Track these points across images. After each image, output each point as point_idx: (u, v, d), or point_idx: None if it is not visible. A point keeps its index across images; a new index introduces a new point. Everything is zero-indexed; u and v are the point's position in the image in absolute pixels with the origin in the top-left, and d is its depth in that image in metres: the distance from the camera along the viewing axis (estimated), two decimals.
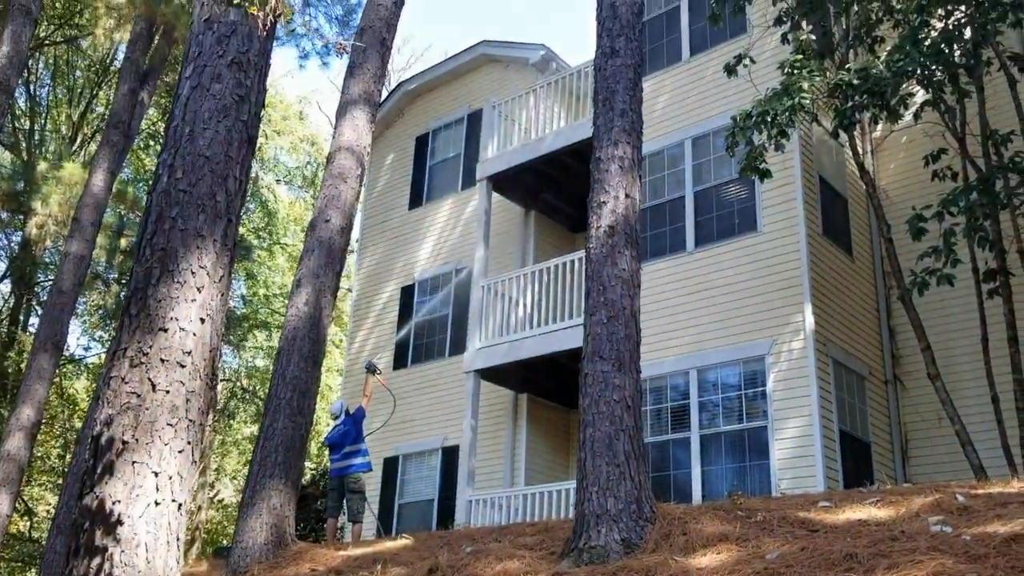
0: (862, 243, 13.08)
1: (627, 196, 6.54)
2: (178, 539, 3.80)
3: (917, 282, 9.37)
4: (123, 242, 18.03)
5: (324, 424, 25.40)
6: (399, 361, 16.49)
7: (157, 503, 3.71)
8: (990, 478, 9.49)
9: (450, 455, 15.15)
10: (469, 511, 13.30)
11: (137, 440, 3.73)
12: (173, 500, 3.77)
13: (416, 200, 17.90)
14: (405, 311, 16.96)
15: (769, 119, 9.67)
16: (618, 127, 6.74)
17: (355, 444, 10.93)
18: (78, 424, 25.66)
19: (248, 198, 24.38)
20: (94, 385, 27.27)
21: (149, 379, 3.84)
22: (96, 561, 3.57)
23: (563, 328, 13.41)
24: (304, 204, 25.94)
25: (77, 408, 27.03)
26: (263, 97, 4.63)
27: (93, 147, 24.11)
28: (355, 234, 18.95)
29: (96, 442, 3.78)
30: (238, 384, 24.22)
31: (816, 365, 10.97)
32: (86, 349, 29.03)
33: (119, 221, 18.93)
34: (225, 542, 28.39)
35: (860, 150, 12.10)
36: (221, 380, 24.70)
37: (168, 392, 3.85)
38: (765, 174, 10.22)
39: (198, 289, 4.06)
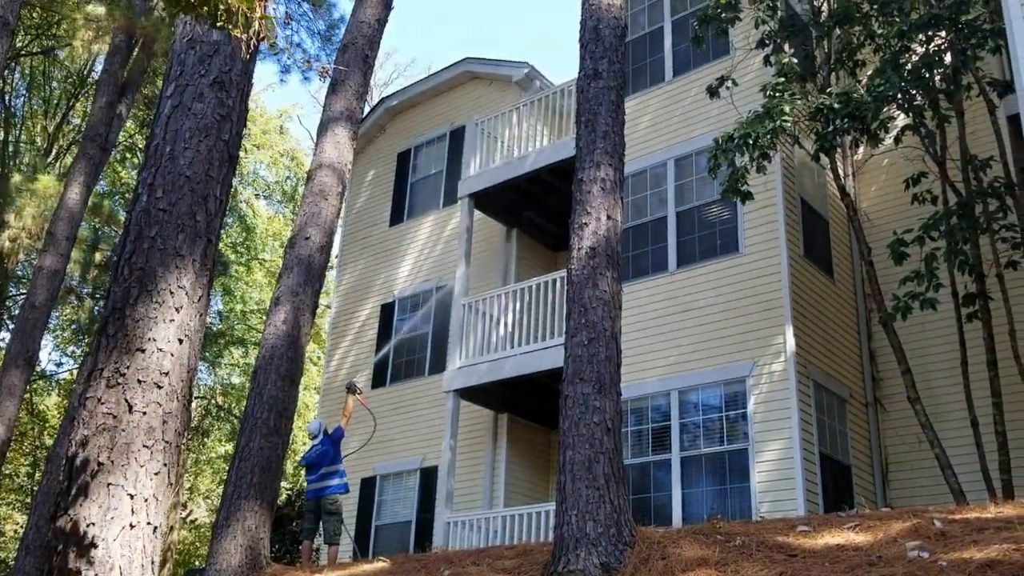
0: (843, 265, 13.24)
1: (609, 218, 6.62)
2: (153, 562, 3.80)
3: (900, 306, 9.51)
4: (98, 256, 17.95)
5: (301, 443, 25.28)
6: (378, 379, 16.47)
7: (132, 526, 3.71)
8: (969, 502, 9.61)
9: (429, 476, 15.13)
10: (447, 533, 13.27)
11: (113, 462, 3.74)
12: (148, 523, 3.78)
13: (397, 216, 17.95)
14: (385, 329, 16.96)
15: (751, 141, 9.80)
16: (600, 149, 6.83)
17: (333, 465, 10.89)
18: (48, 441, 25.41)
19: (226, 212, 24.39)
20: (65, 402, 27.03)
21: (126, 400, 3.85)
22: None
23: (544, 347, 13.45)
24: (283, 219, 25.91)
25: (48, 425, 26.76)
26: (245, 116, 4.67)
27: (69, 159, 24.01)
28: (335, 250, 18.97)
29: (71, 463, 3.78)
30: (213, 402, 24.07)
31: (797, 387, 11.07)
32: (58, 365, 28.79)
33: (94, 235, 18.86)
34: (198, 563, 28.10)
35: (841, 173, 12.28)
36: (196, 397, 24.56)
37: (145, 413, 3.86)
38: (747, 196, 10.35)
39: (176, 309, 4.08)
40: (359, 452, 13.65)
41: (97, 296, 18.86)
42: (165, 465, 3.90)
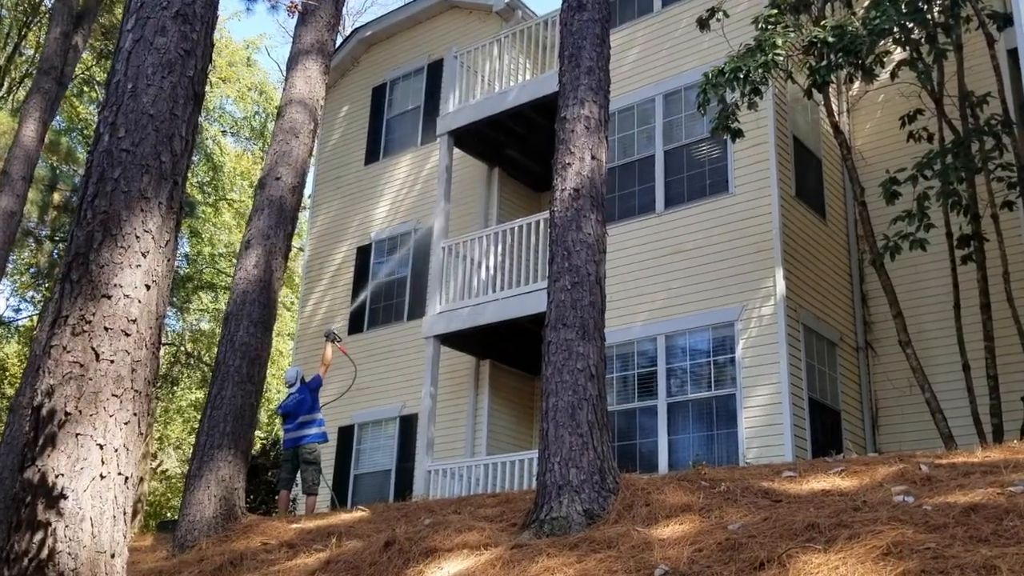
0: (835, 206, 13.33)
1: (593, 158, 6.64)
2: (125, 513, 3.87)
3: (889, 246, 9.61)
4: (56, 197, 17.77)
5: (276, 392, 25.41)
6: (355, 325, 16.53)
7: (102, 476, 3.77)
8: (959, 447, 9.85)
9: (408, 424, 15.29)
10: (428, 481, 13.47)
11: (81, 411, 3.79)
12: (119, 473, 3.84)
13: (373, 155, 17.83)
14: (361, 273, 16.97)
15: (742, 76, 9.78)
16: (584, 85, 6.81)
17: (310, 414, 11.01)
18: (8, 391, 25.42)
19: (192, 152, 24.11)
20: (25, 349, 26.98)
21: (92, 348, 3.88)
22: (39, 536, 3.63)
23: (528, 292, 13.53)
24: (252, 157, 25.64)
25: (7, 374, 26.74)
26: (210, 51, 4.63)
27: (22, 93, 23.58)
28: (307, 190, 18.84)
29: (37, 413, 3.82)
30: (182, 349, 24.09)
31: (786, 331, 11.22)
32: (16, 311, 28.65)
33: (52, 174, 18.66)
34: (170, 515, 28.41)
35: (835, 110, 12.27)
36: (164, 344, 24.56)
37: (113, 362, 3.90)
38: (737, 133, 10.36)
39: (143, 254, 4.09)
40: (338, 400, 13.75)
41: (56, 239, 18.72)
42: (135, 414, 3.95)
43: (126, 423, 3.90)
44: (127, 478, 3.88)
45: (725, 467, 7.38)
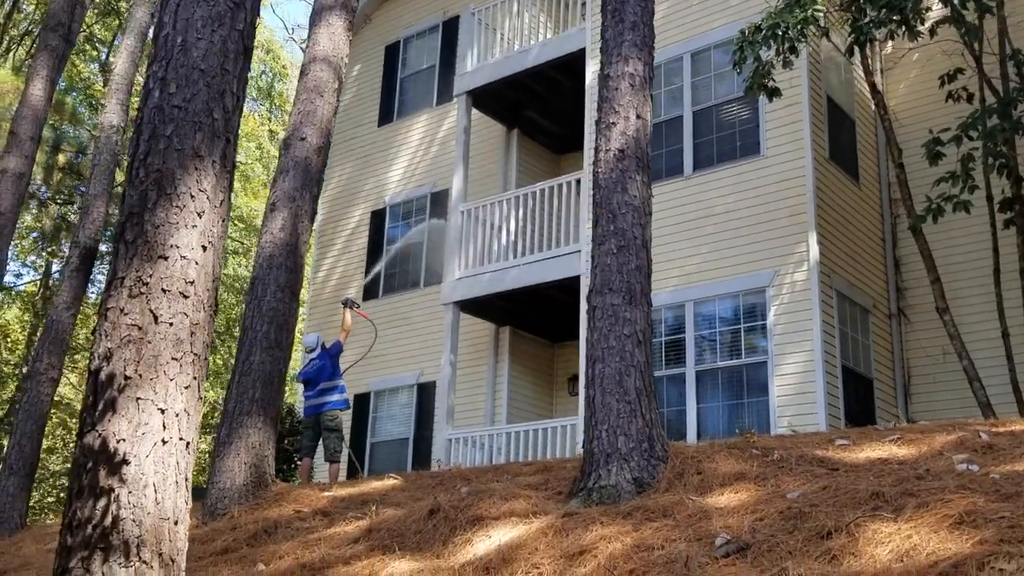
0: (869, 168, 13.23)
1: (638, 117, 6.57)
2: (186, 479, 3.88)
3: (932, 208, 9.55)
4: (61, 158, 17.70)
5: (294, 358, 25.48)
6: (370, 292, 16.52)
7: (164, 441, 3.77)
8: (998, 416, 9.86)
9: (426, 392, 15.34)
10: (448, 450, 13.54)
11: (140, 375, 3.78)
12: (181, 438, 3.84)
13: (386, 116, 17.73)
14: (376, 237, 16.94)
15: (780, 33, 9.67)
16: (628, 41, 6.73)
17: (331, 380, 11.03)
18: (8, 356, 25.51)
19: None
20: (26, 315, 27.02)
21: (150, 310, 3.86)
22: (102, 503, 3.64)
23: (551, 257, 13.51)
24: (257, 119, 25.49)
25: (8, 340, 26.82)
26: (258, 4, 4.57)
27: (22, 52, 23.44)
28: None
29: (95, 377, 3.81)
30: None
31: (820, 297, 11.19)
32: (17, 276, 28.66)
33: (55, 135, 18.58)
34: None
35: (872, 69, 12.12)
36: None
37: (171, 324, 3.88)
38: (774, 93, 10.26)
39: (198, 214, 4.06)
40: (355, 366, 13.78)
41: (59, 201, 18.67)
42: (195, 378, 3.94)
43: (186, 387, 3.89)
44: (188, 443, 3.88)
45: (774, 435, 7.38)
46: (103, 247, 14.39)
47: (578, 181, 13.71)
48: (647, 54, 6.80)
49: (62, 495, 24.54)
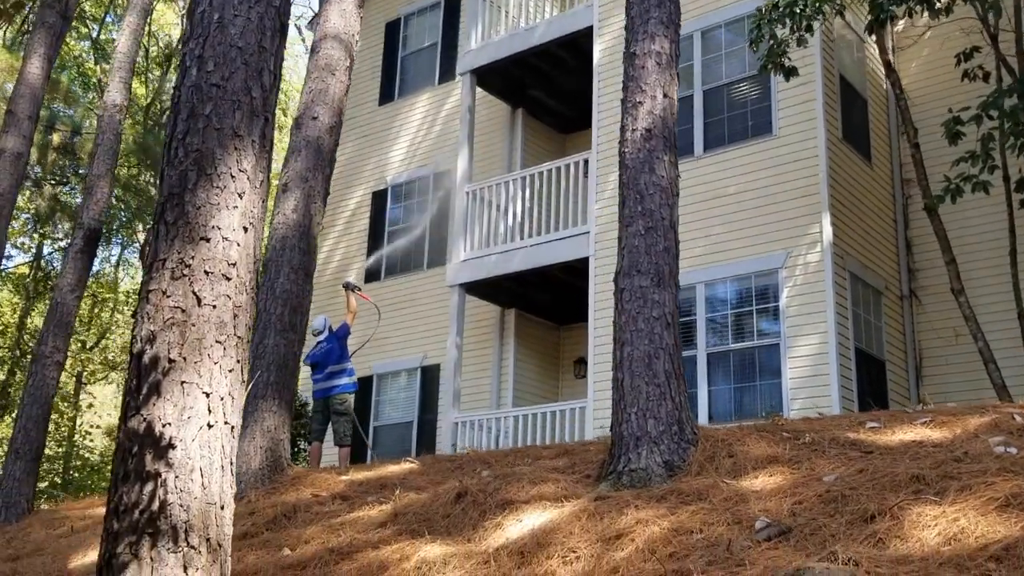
0: (881, 148, 13.24)
1: (665, 96, 6.56)
2: (231, 463, 3.87)
3: (951, 189, 9.57)
4: (56, 138, 17.57)
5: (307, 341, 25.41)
6: (371, 275, 16.49)
7: (210, 425, 3.76)
8: (1013, 398, 9.92)
9: (429, 375, 15.35)
10: (455, 433, 13.57)
11: (185, 358, 3.76)
12: (226, 422, 3.83)
13: (387, 95, 17.64)
14: (377, 219, 16.89)
15: (797, 11, 9.64)
16: (655, 19, 6.70)
17: (340, 363, 11.03)
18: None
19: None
20: (15, 298, 26.90)
21: (194, 293, 3.84)
22: (149, 487, 3.63)
23: (558, 239, 13.51)
24: None
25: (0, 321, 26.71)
26: None
27: (12, 29, 23.23)
28: None
29: (138, 360, 3.80)
30: None
31: (833, 279, 11.22)
32: (7, 258, 28.49)
33: (50, 114, 18.44)
34: None
35: (887, 47, 12.11)
36: None
37: (215, 307, 3.87)
38: (791, 72, 10.24)
39: (239, 195, 4.04)
40: (360, 349, 13.76)
41: (54, 182, 18.54)
42: (238, 361, 3.93)
43: (230, 370, 3.88)
44: (232, 427, 3.88)
45: (802, 418, 7.41)
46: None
47: (586, 161, 13.70)
48: (673, 31, 6.78)
49: (57, 480, 24.53)
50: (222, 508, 3.79)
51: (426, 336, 15.52)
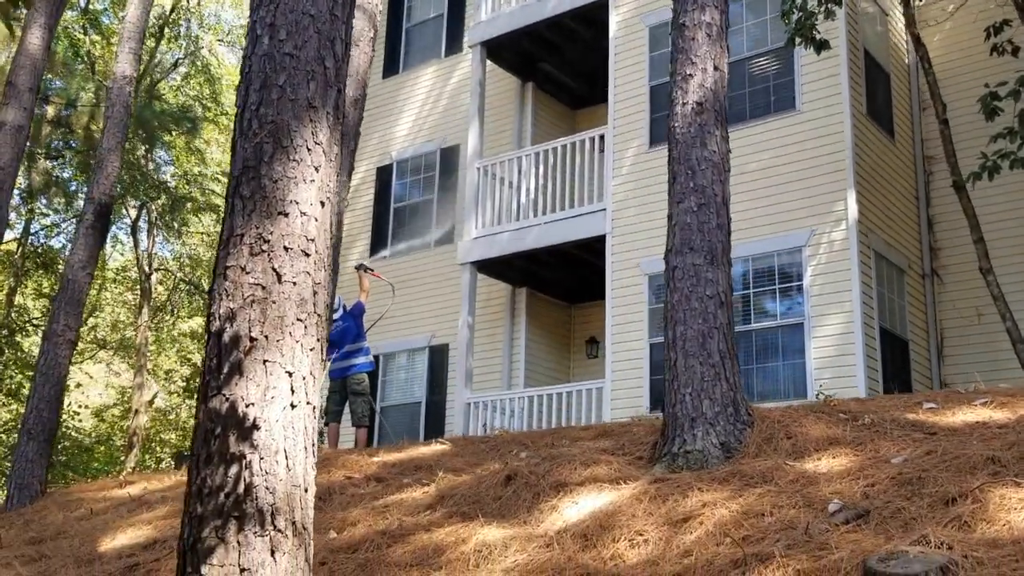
0: (903, 124, 13.24)
1: (716, 68, 6.51)
2: (314, 444, 3.84)
3: (988, 166, 9.58)
4: (51, 111, 17.35)
5: None
6: (377, 253, 16.40)
7: (293, 405, 3.72)
8: None
9: (437, 355, 15.32)
10: (467, 414, 13.56)
11: (267, 337, 3.71)
12: (308, 403, 3.79)
13: (391, 68, 17.49)
14: (382, 195, 16.79)
15: None
16: None
17: (356, 342, 10.98)
18: None
19: (182, 60, 23.49)
20: (1, 277, 26.67)
21: (274, 269, 3.79)
22: (233, 470, 3.59)
23: (574, 216, 13.47)
24: None
25: None
26: None
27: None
28: None
29: (218, 339, 3.74)
30: (180, 276, 23.87)
31: (859, 257, 11.23)
32: None
33: (44, 86, 18.21)
34: (167, 450, 28.54)
35: (914, 19, 12.07)
36: (160, 270, 24.31)
37: (295, 284, 3.81)
38: (822, 45, 10.19)
39: (315, 168, 3.97)
40: (378, 324, 13.66)
41: (54, 156, 18.33)
42: (318, 340, 3.88)
43: (311, 349, 3.83)
44: (314, 408, 3.83)
45: (854, 399, 7.42)
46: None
47: (601, 137, 13.65)
48: (723, 2, 6.73)
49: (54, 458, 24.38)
50: (306, 491, 3.76)
51: (435, 315, 15.47)
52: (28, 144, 18.70)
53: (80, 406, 26.90)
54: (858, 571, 3.84)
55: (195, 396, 29.21)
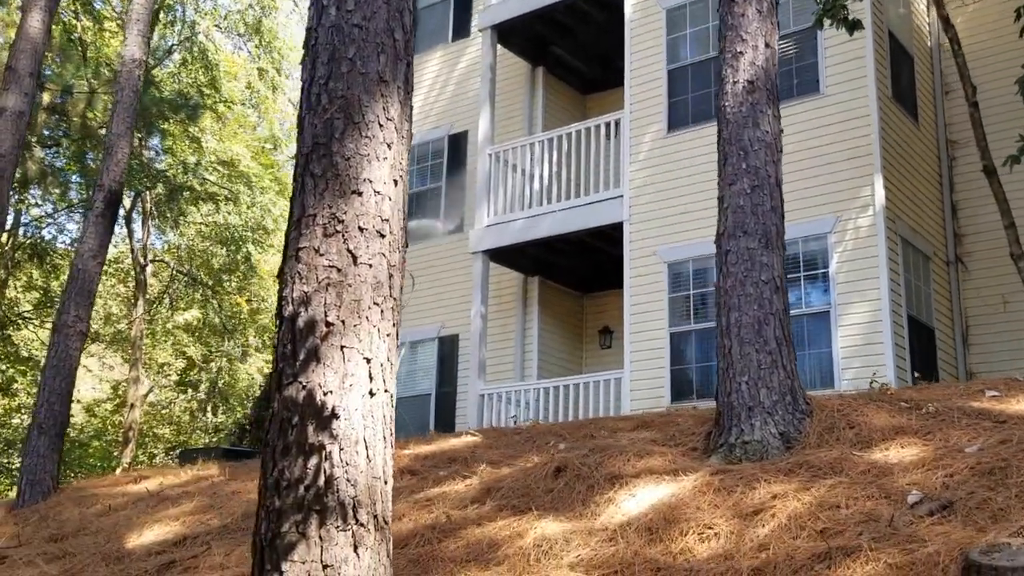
0: (926, 108, 13.15)
1: (767, 46, 6.39)
2: (391, 434, 3.71)
3: None
4: (46, 97, 17.11)
5: None
6: None
7: (372, 393, 3.59)
8: None
9: (447, 345, 15.18)
10: (480, 406, 13.43)
11: (343, 322, 3.58)
12: (386, 390, 3.66)
13: None
14: None
15: None
16: None
17: None
18: None
19: (177, 46, 23.22)
20: None
21: (349, 251, 3.65)
22: (313, 461, 3.46)
23: (589, 203, 13.34)
24: (245, 57, 24.78)
25: None
26: None
27: None
28: None
29: (292, 323, 3.60)
30: (176, 268, 23.65)
31: (886, 244, 11.14)
32: None
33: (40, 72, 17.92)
34: (161, 445, 28.32)
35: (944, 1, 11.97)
36: (156, 261, 24.07)
37: (371, 266, 3.68)
38: (855, 25, 10.06)
39: (387, 145, 3.84)
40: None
41: (49, 145, 18.09)
42: (394, 325, 3.75)
43: (388, 334, 3.70)
44: (391, 395, 3.70)
45: (910, 387, 7.33)
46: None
47: (617, 122, 13.52)
48: None
49: None
50: (385, 483, 3.62)
51: (444, 305, 15.33)
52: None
53: (73, 400, 26.65)
54: (957, 564, 3.73)
55: (188, 391, 29.01)
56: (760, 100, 6.25)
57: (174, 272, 23.51)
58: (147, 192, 20.88)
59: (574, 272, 14.78)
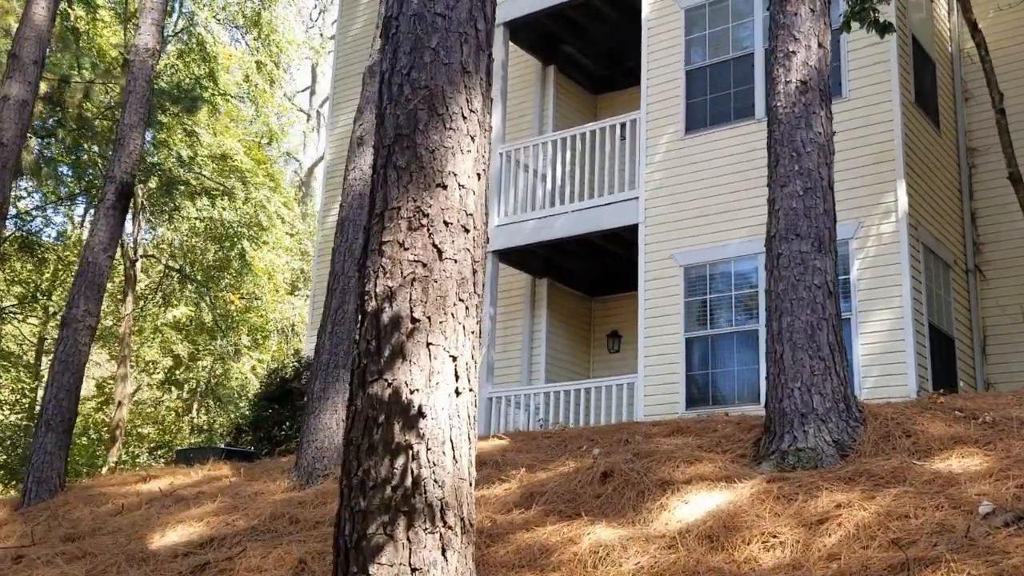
0: (947, 114, 13.20)
1: (820, 46, 6.38)
2: (476, 434, 3.65)
3: None
4: (43, 86, 16.95)
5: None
6: None
7: (458, 392, 3.54)
8: None
9: None
10: (488, 410, 13.38)
11: (429, 318, 3.52)
12: (470, 389, 3.61)
13: None
14: None
15: None
16: None
17: None
18: None
19: (172, 37, 23.05)
20: None
21: (434, 245, 3.60)
22: (400, 461, 3.40)
23: (603, 204, 13.31)
24: (244, 50, 24.63)
25: None
26: None
27: None
28: (325, 89, 18.06)
29: (376, 319, 3.55)
30: (167, 264, 23.47)
31: (909, 251, 11.16)
32: None
33: None
34: (146, 445, 28.10)
35: (969, 5, 12.02)
36: (147, 257, 23.88)
37: (456, 261, 3.63)
38: (885, 28, 10.06)
39: (471, 137, 3.79)
40: None
41: (43, 136, 17.92)
42: (478, 322, 3.70)
43: (472, 332, 3.65)
44: (475, 395, 3.65)
45: (960, 395, 7.33)
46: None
47: (633, 122, 13.50)
48: None
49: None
50: (471, 485, 3.57)
51: None
52: None
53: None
54: None
55: (174, 389, 28.77)
56: (813, 101, 6.24)
57: (166, 268, 23.35)
58: (139, 185, 20.73)
59: (584, 275, 14.76)
